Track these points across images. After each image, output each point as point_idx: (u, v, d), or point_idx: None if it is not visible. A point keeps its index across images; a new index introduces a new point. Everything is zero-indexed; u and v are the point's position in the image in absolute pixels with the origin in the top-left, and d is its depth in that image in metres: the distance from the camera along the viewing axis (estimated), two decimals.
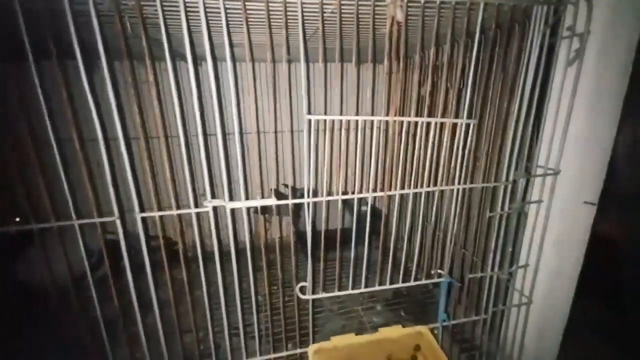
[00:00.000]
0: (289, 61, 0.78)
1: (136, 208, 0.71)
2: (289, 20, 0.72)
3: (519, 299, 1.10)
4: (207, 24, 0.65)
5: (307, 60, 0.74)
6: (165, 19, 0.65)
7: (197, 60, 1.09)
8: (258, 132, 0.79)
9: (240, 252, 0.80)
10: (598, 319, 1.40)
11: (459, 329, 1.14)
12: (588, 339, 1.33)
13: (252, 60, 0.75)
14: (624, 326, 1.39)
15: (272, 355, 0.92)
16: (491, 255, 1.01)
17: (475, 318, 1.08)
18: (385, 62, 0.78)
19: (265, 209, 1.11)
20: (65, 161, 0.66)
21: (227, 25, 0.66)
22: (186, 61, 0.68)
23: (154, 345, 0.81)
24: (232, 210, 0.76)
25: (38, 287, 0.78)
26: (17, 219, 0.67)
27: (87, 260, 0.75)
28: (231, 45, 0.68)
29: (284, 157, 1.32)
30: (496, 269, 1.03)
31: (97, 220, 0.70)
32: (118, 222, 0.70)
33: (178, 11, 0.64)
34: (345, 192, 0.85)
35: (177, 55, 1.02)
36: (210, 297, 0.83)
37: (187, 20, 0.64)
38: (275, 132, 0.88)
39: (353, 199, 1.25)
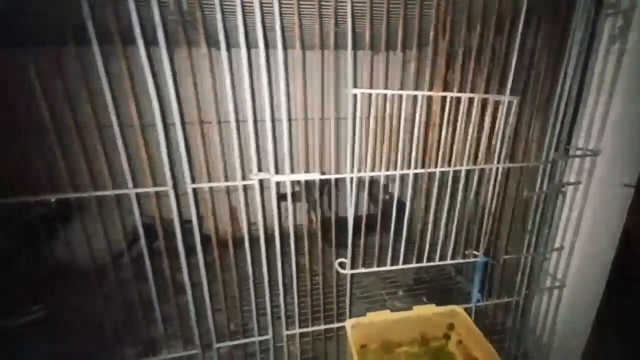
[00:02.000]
0: (336, 48, 0.79)
1: (188, 179, 0.74)
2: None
3: (551, 281, 1.10)
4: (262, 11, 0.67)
5: (354, 48, 0.74)
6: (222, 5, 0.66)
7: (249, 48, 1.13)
8: (306, 119, 0.81)
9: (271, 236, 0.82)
10: (631, 305, 1.39)
11: (490, 309, 1.14)
12: (619, 325, 1.32)
13: (303, 47, 0.76)
14: None
15: (311, 329, 0.95)
16: (527, 236, 1.01)
17: (508, 299, 1.08)
18: (431, 35, 0.78)
19: (293, 196, 1.13)
20: (124, 138, 0.69)
21: (280, 11, 0.67)
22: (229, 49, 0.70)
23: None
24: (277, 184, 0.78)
25: (76, 263, 0.82)
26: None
27: (125, 239, 0.79)
28: (283, 32, 0.70)
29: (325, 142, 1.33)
30: (531, 250, 1.03)
31: (152, 189, 0.73)
32: (171, 192, 0.73)
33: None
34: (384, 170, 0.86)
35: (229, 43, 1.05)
36: (255, 277, 0.86)
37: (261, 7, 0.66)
38: (322, 118, 0.89)
39: (377, 187, 1.24)
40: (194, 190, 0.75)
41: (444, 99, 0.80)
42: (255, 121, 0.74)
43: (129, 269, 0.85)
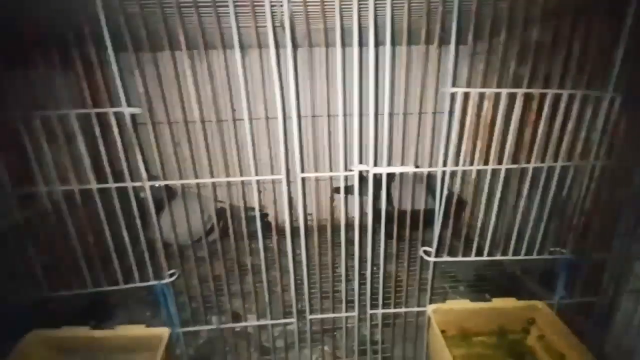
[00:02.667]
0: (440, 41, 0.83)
1: (297, 169, 0.84)
2: None
3: None
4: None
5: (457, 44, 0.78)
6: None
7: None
8: (405, 114, 0.87)
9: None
10: None
11: (571, 309, 1.13)
12: None
13: (409, 43, 0.81)
14: None
15: (392, 310, 1.02)
16: (619, 237, 0.98)
17: (593, 299, 1.06)
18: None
19: (347, 190, 1.19)
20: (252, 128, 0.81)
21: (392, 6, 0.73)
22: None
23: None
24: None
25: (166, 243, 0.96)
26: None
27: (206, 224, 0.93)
28: (393, 28, 0.75)
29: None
30: (622, 250, 1.00)
31: (270, 177, 0.84)
32: (284, 179, 0.84)
33: None
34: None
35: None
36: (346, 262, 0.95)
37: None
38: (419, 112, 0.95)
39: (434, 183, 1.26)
40: (303, 179, 0.85)
41: (543, 95, 0.81)
42: (360, 115, 0.81)
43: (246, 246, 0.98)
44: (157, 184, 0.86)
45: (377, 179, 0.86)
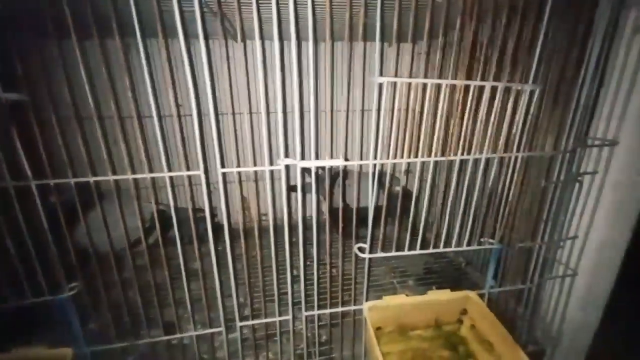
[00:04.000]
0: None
1: (218, 164, 0.77)
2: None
3: (563, 270, 1.12)
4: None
5: (382, 39, 0.76)
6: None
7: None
8: (332, 111, 0.83)
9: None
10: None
11: (503, 298, 1.17)
12: (629, 315, 1.34)
13: (332, 39, 0.77)
14: None
15: (329, 310, 0.98)
16: (542, 225, 1.03)
17: (521, 287, 1.11)
18: (458, 24, 0.80)
19: (303, 188, 1.15)
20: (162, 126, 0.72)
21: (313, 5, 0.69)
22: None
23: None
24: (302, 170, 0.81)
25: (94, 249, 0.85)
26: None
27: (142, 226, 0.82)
28: (315, 26, 0.71)
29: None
30: (546, 238, 1.05)
31: (185, 173, 0.76)
32: (203, 176, 0.76)
33: None
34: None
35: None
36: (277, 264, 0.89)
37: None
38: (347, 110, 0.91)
39: (386, 180, 1.26)
40: (224, 175, 0.78)
41: (467, 87, 0.81)
42: (284, 111, 0.76)
43: (153, 254, 0.88)
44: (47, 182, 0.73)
45: (327, 175, 0.81)
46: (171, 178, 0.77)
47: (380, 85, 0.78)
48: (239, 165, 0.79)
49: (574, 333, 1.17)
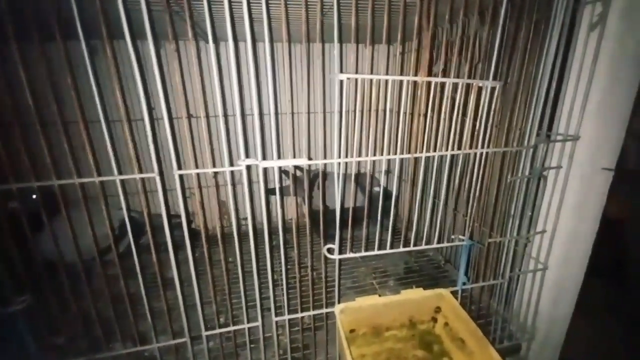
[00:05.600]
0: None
1: (174, 166, 0.73)
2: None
3: (534, 265, 1.13)
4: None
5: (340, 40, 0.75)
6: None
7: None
8: (292, 112, 0.81)
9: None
10: (611, 287, 1.44)
11: (476, 294, 1.17)
12: (601, 307, 1.37)
13: (289, 40, 0.76)
14: (631, 300, 1.43)
15: (300, 315, 0.96)
16: (510, 220, 1.04)
17: (493, 282, 1.11)
18: (415, 26, 0.79)
19: (281, 190, 1.13)
20: (109, 125, 0.68)
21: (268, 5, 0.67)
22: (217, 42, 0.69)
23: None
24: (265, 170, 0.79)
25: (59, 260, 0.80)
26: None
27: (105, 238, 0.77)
28: (270, 25, 0.69)
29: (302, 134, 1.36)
30: (515, 234, 1.06)
31: (137, 176, 0.72)
32: (158, 178, 0.72)
33: None
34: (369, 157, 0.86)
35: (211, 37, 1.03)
36: (243, 269, 0.86)
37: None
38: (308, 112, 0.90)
39: (364, 179, 1.25)
40: (181, 178, 0.75)
41: (429, 84, 0.81)
42: (243, 113, 0.74)
43: (118, 263, 0.84)
44: None
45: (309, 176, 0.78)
46: (143, 183, 0.74)
47: (342, 83, 0.77)
48: (197, 167, 0.76)
49: (548, 327, 1.18)
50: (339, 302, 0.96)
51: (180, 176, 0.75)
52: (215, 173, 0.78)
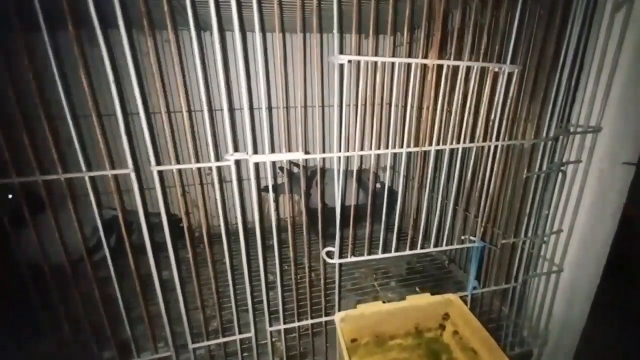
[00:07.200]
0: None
1: (152, 161, 0.65)
2: None
3: (548, 266, 1.05)
4: None
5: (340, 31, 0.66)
6: None
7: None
8: (287, 106, 0.72)
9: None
10: (629, 290, 1.36)
11: (486, 298, 1.10)
12: (617, 310, 1.29)
13: (283, 31, 0.67)
14: None
15: (297, 324, 0.88)
16: (525, 219, 0.96)
17: (505, 286, 1.03)
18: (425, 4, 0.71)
19: (275, 188, 1.03)
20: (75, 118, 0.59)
21: None
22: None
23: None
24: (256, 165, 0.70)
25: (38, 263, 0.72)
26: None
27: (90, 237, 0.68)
28: (261, 17, 0.60)
29: (297, 129, 1.27)
30: (530, 234, 0.98)
31: (109, 172, 0.63)
32: (133, 175, 0.64)
33: None
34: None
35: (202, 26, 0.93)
36: (234, 272, 0.78)
37: None
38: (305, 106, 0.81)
39: (367, 177, 1.16)
40: (160, 174, 0.66)
41: (439, 68, 0.73)
42: (230, 100, 0.65)
43: (98, 266, 0.75)
44: None
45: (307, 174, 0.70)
46: (116, 180, 0.65)
47: (342, 67, 0.68)
48: (178, 162, 0.67)
49: (561, 332, 1.11)
50: (339, 309, 0.88)
51: (160, 173, 0.66)
52: (200, 169, 0.69)
